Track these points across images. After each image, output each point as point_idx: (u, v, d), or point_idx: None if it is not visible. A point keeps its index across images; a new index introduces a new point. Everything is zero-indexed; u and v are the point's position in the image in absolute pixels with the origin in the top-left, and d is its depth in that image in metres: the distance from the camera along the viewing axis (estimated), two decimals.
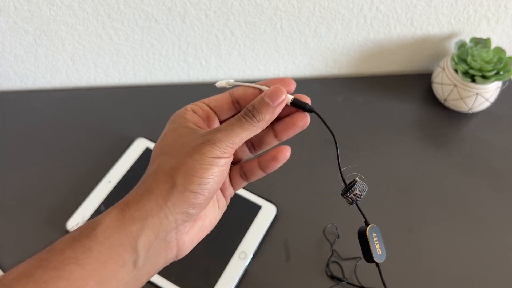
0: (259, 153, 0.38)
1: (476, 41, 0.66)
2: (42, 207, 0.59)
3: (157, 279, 0.53)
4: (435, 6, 0.64)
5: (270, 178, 0.63)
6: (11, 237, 0.57)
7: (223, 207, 0.38)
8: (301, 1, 0.62)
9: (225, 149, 0.32)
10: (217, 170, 0.32)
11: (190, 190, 0.31)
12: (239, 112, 0.36)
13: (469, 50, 0.65)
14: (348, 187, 0.35)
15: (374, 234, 0.38)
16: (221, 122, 0.37)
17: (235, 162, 0.38)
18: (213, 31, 0.66)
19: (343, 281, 0.54)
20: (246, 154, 0.39)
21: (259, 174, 0.38)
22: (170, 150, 0.33)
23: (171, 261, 0.33)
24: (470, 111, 0.68)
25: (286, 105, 0.35)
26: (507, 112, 0.70)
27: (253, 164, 0.37)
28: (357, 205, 0.36)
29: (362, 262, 0.56)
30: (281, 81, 0.36)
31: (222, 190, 0.37)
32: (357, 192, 0.35)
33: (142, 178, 0.33)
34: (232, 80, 0.37)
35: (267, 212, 0.58)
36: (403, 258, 0.56)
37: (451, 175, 0.63)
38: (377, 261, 0.36)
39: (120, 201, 0.32)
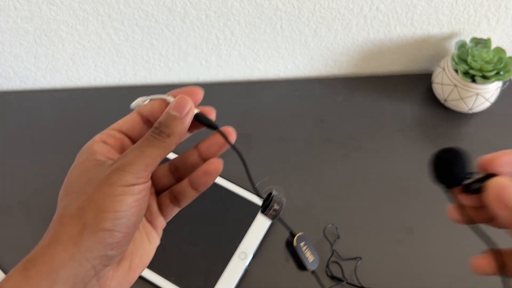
0: (185, 178, 0.34)
1: (476, 41, 0.66)
2: (42, 207, 0.59)
3: (157, 279, 0.53)
4: (435, 6, 0.64)
5: (270, 178, 0.63)
6: (11, 237, 0.57)
7: (155, 241, 0.33)
8: (301, 1, 0.62)
9: (138, 173, 0.28)
10: (131, 200, 0.28)
11: (103, 229, 0.27)
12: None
13: (469, 50, 0.65)
14: (266, 204, 0.32)
15: (302, 243, 0.36)
16: None
17: (162, 190, 0.34)
18: (213, 31, 0.66)
19: (343, 281, 0.54)
20: (170, 180, 0.34)
21: (191, 195, 0.33)
22: (75, 189, 0.29)
23: None
24: (470, 111, 0.68)
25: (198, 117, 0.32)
26: (508, 112, 0.70)
27: (183, 185, 0.33)
28: (279, 218, 0.33)
29: (362, 262, 0.56)
30: (188, 90, 0.32)
31: (150, 221, 0.33)
32: (276, 207, 0.32)
33: (49, 227, 0.29)
34: (143, 97, 0.34)
35: None
36: (404, 258, 0.56)
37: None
38: (311, 269, 0.34)
39: (23, 259, 0.28)
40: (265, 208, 0.32)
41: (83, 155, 0.31)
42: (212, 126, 0.32)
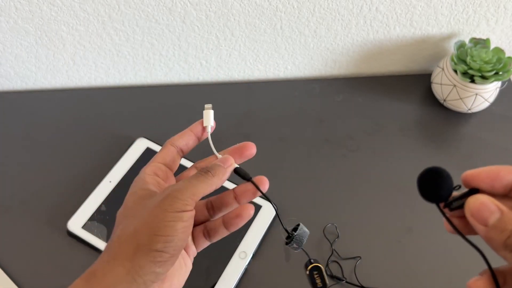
0: (218, 216, 0.39)
1: (476, 42, 0.67)
2: (42, 207, 0.59)
3: None
4: (434, 6, 0.64)
5: (270, 178, 0.63)
6: (11, 237, 0.57)
7: (189, 266, 0.38)
8: (301, 1, 0.62)
9: (186, 200, 0.32)
10: (181, 226, 0.32)
11: (154, 249, 0.31)
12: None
13: (469, 50, 0.65)
14: (291, 236, 0.38)
15: (315, 273, 0.42)
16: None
17: (197, 224, 0.39)
18: (213, 31, 0.66)
19: (343, 280, 0.54)
20: (206, 216, 0.39)
21: (222, 233, 0.38)
22: (132, 213, 0.34)
23: None
24: (469, 111, 0.68)
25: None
26: (506, 112, 0.70)
27: (217, 222, 0.38)
28: (302, 249, 0.39)
29: (362, 262, 0.56)
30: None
31: (185, 248, 0.38)
32: (298, 239, 0.39)
33: (107, 245, 0.33)
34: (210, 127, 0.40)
35: (267, 212, 0.58)
36: (403, 258, 0.56)
37: (451, 175, 0.63)
38: None
39: (86, 271, 0.32)
40: (290, 241, 0.38)
41: (137, 185, 0.36)
42: (245, 178, 0.38)
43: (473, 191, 0.29)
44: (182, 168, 0.38)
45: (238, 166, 0.38)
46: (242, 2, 0.62)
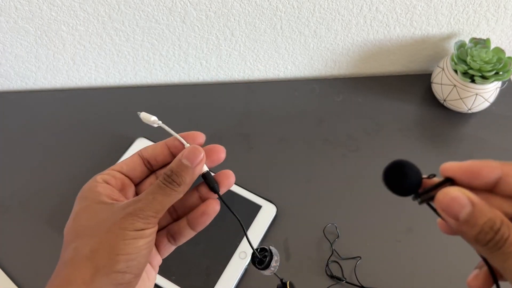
0: (181, 217, 0.35)
1: (476, 42, 0.66)
2: (42, 207, 0.59)
3: (158, 279, 0.53)
4: (434, 6, 0.64)
5: (270, 178, 0.63)
6: (11, 237, 0.57)
7: (153, 278, 0.35)
8: (301, 1, 0.62)
9: (148, 219, 0.29)
10: (142, 243, 0.29)
11: (116, 271, 0.28)
12: (151, 172, 0.35)
13: (469, 50, 0.65)
14: (265, 263, 0.35)
15: None
16: (136, 186, 0.35)
17: (159, 229, 0.35)
18: (213, 31, 0.66)
19: (343, 280, 0.54)
20: (168, 220, 0.35)
21: (188, 234, 0.35)
22: (86, 231, 0.30)
23: None
24: (469, 111, 0.68)
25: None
26: (507, 112, 0.70)
27: (181, 224, 0.35)
28: (275, 274, 0.36)
29: (362, 262, 0.56)
30: (190, 136, 0.34)
31: (149, 260, 0.34)
32: (274, 264, 0.36)
33: (57, 268, 0.30)
34: (158, 121, 0.34)
35: (267, 212, 0.58)
36: (403, 258, 0.56)
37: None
38: None
39: None
40: (264, 267, 0.35)
41: (88, 197, 0.32)
42: (213, 190, 0.34)
43: (447, 180, 0.27)
44: None
45: (207, 170, 0.33)
46: (242, 2, 0.62)
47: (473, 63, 0.63)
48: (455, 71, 0.65)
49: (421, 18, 0.66)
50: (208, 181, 0.33)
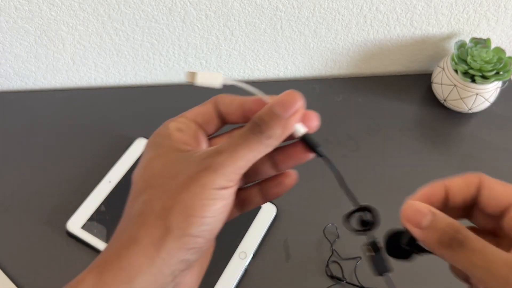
0: (250, 183, 0.32)
1: (476, 41, 0.66)
2: (42, 207, 0.59)
3: None
4: (434, 6, 0.64)
5: None
6: (11, 237, 0.57)
7: (214, 244, 0.32)
8: (301, 1, 0.62)
9: (230, 176, 0.25)
10: (220, 205, 0.26)
11: (189, 234, 0.25)
12: (223, 125, 0.30)
13: (469, 50, 0.65)
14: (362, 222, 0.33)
15: None
16: (208, 139, 0.31)
17: None
18: (213, 31, 0.66)
19: (343, 280, 0.54)
20: (239, 182, 0.31)
21: (257, 203, 0.32)
22: (159, 182, 0.26)
23: None
24: (470, 111, 0.68)
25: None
26: (507, 112, 0.70)
27: (252, 191, 0.31)
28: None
29: (362, 262, 0.56)
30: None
31: None
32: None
33: (122, 221, 0.27)
34: (218, 75, 0.29)
35: (267, 212, 0.58)
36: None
37: (451, 175, 0.63)
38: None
39: (96, 260, 0.25)
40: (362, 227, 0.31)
41: (161, 143, 0.28)
42: (318, 154, 0.29)
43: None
44: None
45: (305, 130, 0.28)
46: (242, 2, 0.62)
47: (474, 63, 0.63)
48: (456, 71, 0.65)
49: (421, 18, 0.66)
50: (309, 142, 0.28)
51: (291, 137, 0.29)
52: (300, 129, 0.27)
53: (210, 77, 0.28)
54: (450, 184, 0.30)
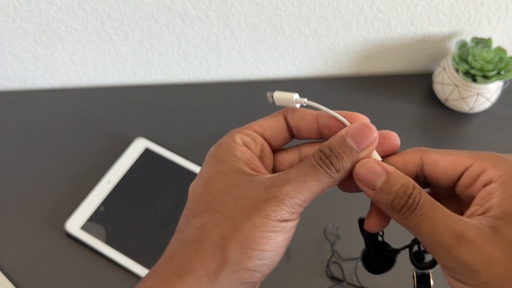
0: None
1: (477, 41, 0.66)
2: (42, 207, 0.59)
3: None
4: (435, 5, 0.64)
5: None
6: (10, 237, 0.57)
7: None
8: (301, 0, 0.62)
9: (294, 208, 0.24)
10: (281, 238, 0.24)
11: (246, 268, 0.23)
12: (291, 139, 0.29)
13: (470, 50, 0.65)
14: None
15: None
16: (273, 152, 0.29)
17: None
18: (213, 30, 0.65)
19: (343, 281, 0.54)
20: None
21: None
22: (219, 206, 0.25)
23: None
24: (471, 111, 0.68)
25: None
26: (508, 112, 0.69)
27: None
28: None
29: None
30: (350, 116, 0.28)
31: None
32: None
33: (173, 242, 0.25)
34: (294, 96, 0.27)
35: None
36: (403, 258, 0.56)
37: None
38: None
39: (145, 281, 0.24)
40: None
41: (225, 159, 0.26)
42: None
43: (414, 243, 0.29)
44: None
45: (381, 160, 0.26)
46: (242, 1, 0.61)
47: (475, 62, 0.63)
48: (456, 70, 0.65)
49: (422, 17, 0.66)
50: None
51: None
52: (375, 157, 0.27)
53: (285, 97, 0.27)
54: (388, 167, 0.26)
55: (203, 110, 0.69)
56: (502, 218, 0.23)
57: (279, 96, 0.28)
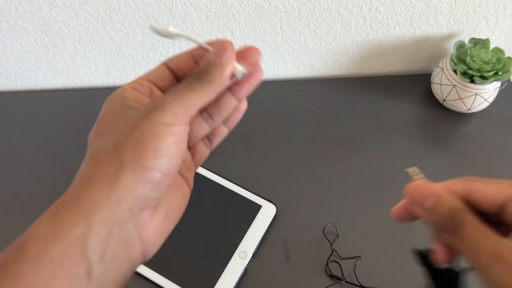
0: (218, 121, 0.33)
1: (475, 42, 0.67)
2: (42, 207, 0.59)
3: (158, 278, 0.53)
4: (434, 6, 0.64)
5: (270, 178, 0.63)
6: (10, 237, 0.57)
7: (187, 193, 0.31)
8: (300, 2, 0.62)
9: (177, 114, 0.27)
10: (171, 139, 0.26)
11: (143, 166, 0.25)
12: (177, 82, 0.32)
13: (468, 50, 0.65)
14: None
15: None
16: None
17: (197, 140, 0.33)
18: (213, 31, 0.66)
19: (342, 280, 0.54)
20: (206, 129, 0.32)
21: (223, 132, 0.34)
22: (111, 128, 0.27)
23: (139, 262, 0.28)
24: (469, 111, 0.68)
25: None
26: (506, 112, 0.70)
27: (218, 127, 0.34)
28: None
29: (362, 261, 0.56)
30: (217, 44, 0.30)
31: (181, 173, 0.31)
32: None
33: (79, 170, 0.27)
34: (176, 30, 0.31)
35: (267, 212, 0.58)
36: (403, 258, 0.56)
37: (450, 175, 0.63)
38: None
39: (54, 204, 0.25)
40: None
41: (114, 101, 0.29)
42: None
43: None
44: None
45: (243, 71, 0.30)
46: (242, 2, 0.62)
47: (473, 63, 0.63)
48: (455, 71, 0.65)
49: (420, 18, 0.66)
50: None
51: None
52: (239, 69, 0.30)
53: (163, 28, 0.31)
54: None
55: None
56: None
57: (158, 28, 0.31)
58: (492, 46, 0.67)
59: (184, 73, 0.32)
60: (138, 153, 0.25)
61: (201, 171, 0.61)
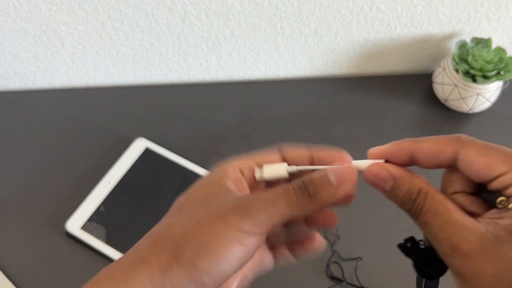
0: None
1: (477, 41, 0.66)
2: (42, 207, 0.59)
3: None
4: (435, 6, 0.64)
5: None
6: (10, 237, 0.57)
7: (269, 266, 0.32)
8: (301, 1, 0.62)
9: (259, 225, 0.25)
10: (238, 249, 0.24)
11: (196, 266, 0.24)
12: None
13: (470, 50, 0.65)
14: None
15: None
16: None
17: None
18: (213, 31, 0.66)
19: (343, 281, 0.54)
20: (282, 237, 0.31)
21: (288, 259, 0.32)
22: (190, 210, 0.26)
23: None
24: (470, 111, 0.68)
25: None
26: (508, 112, 0.69)
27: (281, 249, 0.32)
28: None
29: (363, 262, 0.55)
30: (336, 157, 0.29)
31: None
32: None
33: (142, 238, 0.26)
34: (290, 167, 0.29)
35: None
36: (404, 259, 0.56)
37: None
38: None
39: (102, 271, 0.25)
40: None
41: (214, 176, 0.28)
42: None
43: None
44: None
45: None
46: (242, 1, 0.61)
47: (474, 62, 0.63)
48: (456, 70, 0.65)
49: (422, 17, 0.66)
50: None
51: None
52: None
53: (275, 169, 0.29)
54: (419, 149, 0.28)
55: (203, 110, 0.69)
56: (510, 231, 0.23)
57: (269, 169, 0.29)
58: (494, 46, 0.67)
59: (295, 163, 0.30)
60: (197, 252, 0.24)
61: (201, 171, 0.61)
